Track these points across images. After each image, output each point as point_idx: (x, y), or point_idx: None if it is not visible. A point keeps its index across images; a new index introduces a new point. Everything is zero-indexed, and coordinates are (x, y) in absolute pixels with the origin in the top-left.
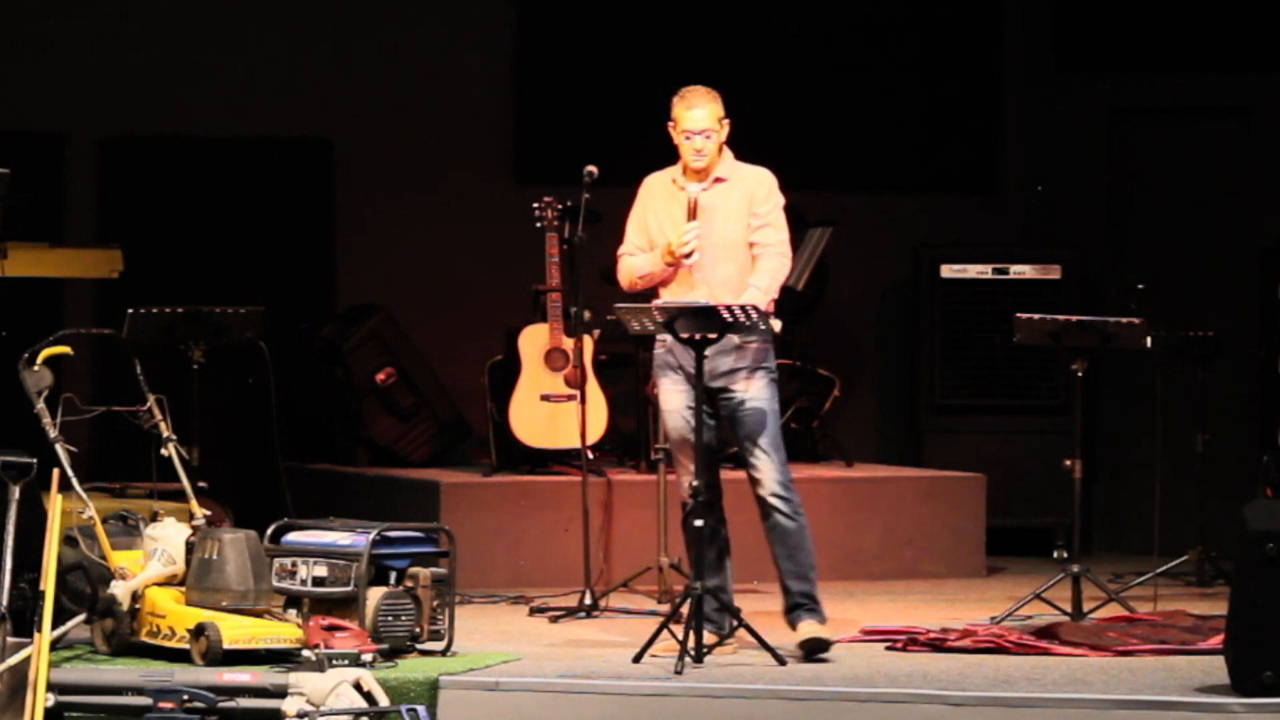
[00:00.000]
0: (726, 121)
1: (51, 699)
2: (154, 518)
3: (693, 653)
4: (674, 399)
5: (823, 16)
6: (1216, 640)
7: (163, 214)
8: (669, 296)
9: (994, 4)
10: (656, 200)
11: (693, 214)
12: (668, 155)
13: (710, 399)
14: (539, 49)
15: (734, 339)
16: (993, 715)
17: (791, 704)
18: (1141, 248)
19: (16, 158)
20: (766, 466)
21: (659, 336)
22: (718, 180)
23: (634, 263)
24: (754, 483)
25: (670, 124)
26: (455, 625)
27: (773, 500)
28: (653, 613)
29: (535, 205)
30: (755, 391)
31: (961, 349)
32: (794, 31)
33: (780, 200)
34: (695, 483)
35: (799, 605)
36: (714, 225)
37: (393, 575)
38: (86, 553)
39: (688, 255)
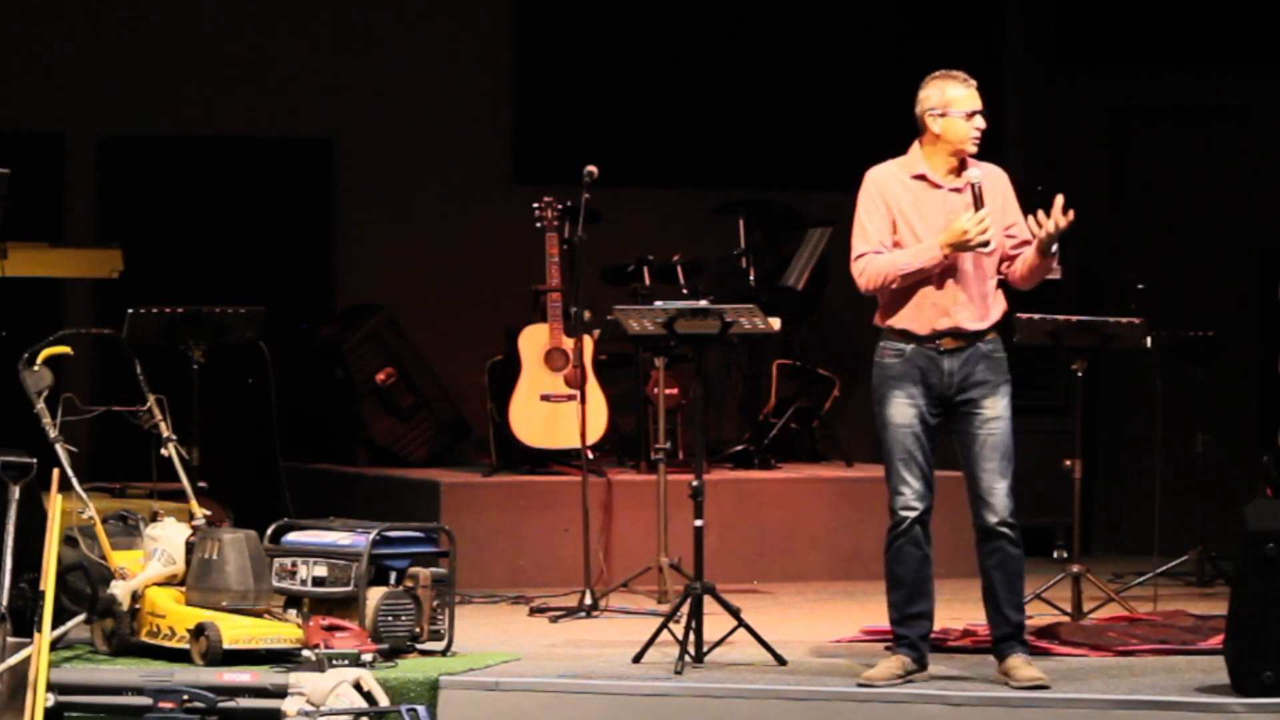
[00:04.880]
0: None
1: (51, 699)
2: (154, 518)
3: (692, 653)
4: (905, 412)
5: (823, 17)
6: (1216, 640)
7: (163, 214)
8: (920, 306)
9: (994, 4)
10: (897, 195)
11: (980, 201)
12: (667, 156)
13: (948, 411)
14: (539, 49)
15: (982, 347)
16: (993, 715)
17: (791, 704)
18: (1141, 248)
19: (16, 158)
20: (1001, 494)
21: (890, 345)
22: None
23: (893, 259)
24: (982, 506)
25: (931, 111)
26: (455, 625)
27: (1001, 529)
28: (653, 613)
29: (535, 205)
30: (1003, 410)
31: None
32: (793, 32)
33: None
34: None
35: (1011, 637)
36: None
37: (393, 575)
38: (86, 553)
39: (985, 244)
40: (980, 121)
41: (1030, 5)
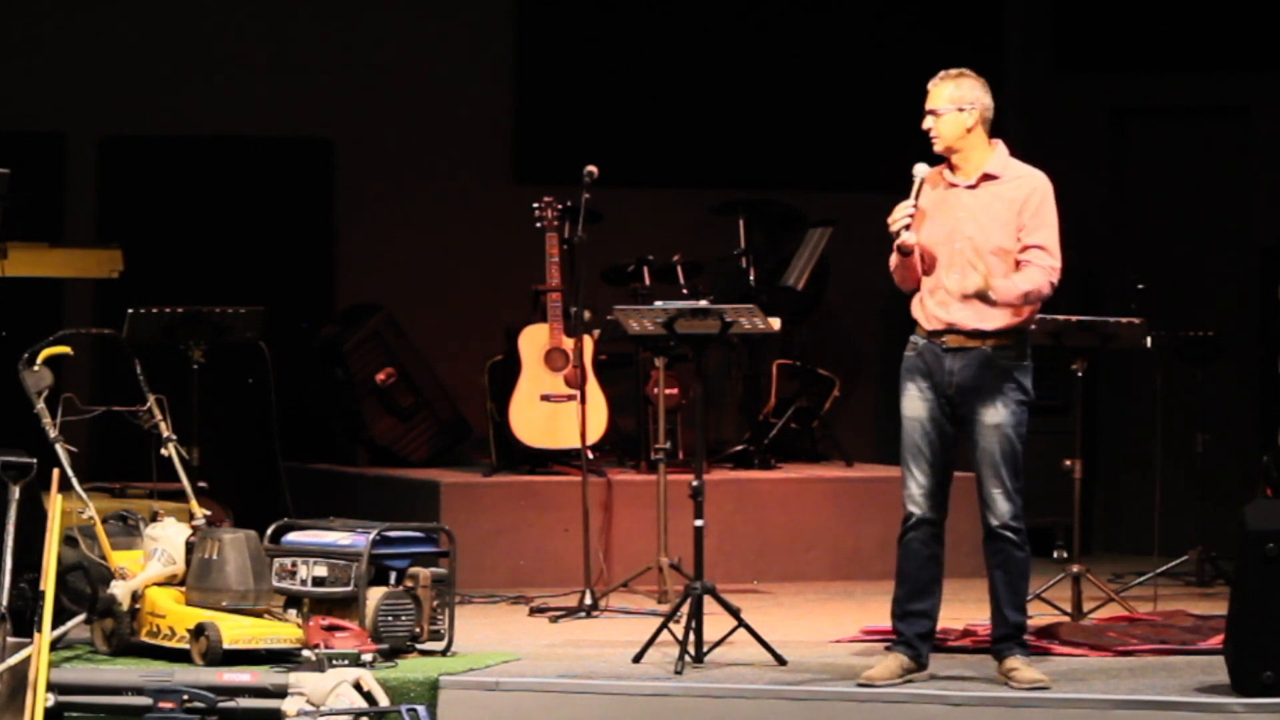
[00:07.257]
0: (975, 106)
1: (51, 699)
2: (154, 518)
3: (692, 653)
4: (915, 406)
5: (823, 17)
6: (1216, 640)
7: (163, 214)
8: (927, 301)
9: (994, 4)
10: (929, 194)
11: (912, 194)
12: (667, 156)
13: (953, 409)
14: (539, 49)
15: (987, 350)
16: (993, 715)
17: (791, 704)
18: (1141, 248)
19: (16, 158)
20: (998, 499)
21: (912, 339)
22: (987, 177)
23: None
24: (985, 508)
25: None
26: (455, 625)
27: (1003, 532)
28: (653, 613)
29: (535, 205)
30: (1003, 418)
31: None
32: (793, 32)
33: (1053, 215)
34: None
35: (1010, 637)
36: (979, 225)
37: (393, 575)
38: (86, 553)
39: (897, 235)
40: (928, 121)
41: (1030, 5)
